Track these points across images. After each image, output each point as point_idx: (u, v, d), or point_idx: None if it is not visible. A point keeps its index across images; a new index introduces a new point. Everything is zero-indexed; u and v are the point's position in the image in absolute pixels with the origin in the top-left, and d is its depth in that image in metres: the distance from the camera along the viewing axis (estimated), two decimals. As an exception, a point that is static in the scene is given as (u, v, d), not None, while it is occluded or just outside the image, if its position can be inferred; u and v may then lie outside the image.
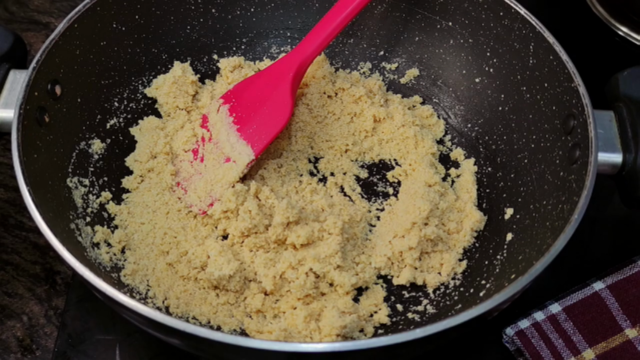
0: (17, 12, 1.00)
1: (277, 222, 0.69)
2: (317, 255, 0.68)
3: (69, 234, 0.67)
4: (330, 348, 0.53)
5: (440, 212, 0.73)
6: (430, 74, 0.85)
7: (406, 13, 0.84)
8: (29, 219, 0.78)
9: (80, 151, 0.74)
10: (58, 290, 0.74)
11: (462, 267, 0.72)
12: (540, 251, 0.62)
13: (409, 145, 0.80)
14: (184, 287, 0.68)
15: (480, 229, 0.74)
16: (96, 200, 0.73)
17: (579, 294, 0.68)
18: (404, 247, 0.70)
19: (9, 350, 0.71)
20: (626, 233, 0.79)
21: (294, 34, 0.88)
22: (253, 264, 0.69)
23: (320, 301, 0.68)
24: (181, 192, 0.75)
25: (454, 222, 0.73)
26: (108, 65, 0.78)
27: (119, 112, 0.80)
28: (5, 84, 0.69)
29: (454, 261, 0.71)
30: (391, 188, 0.79)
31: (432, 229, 0.70)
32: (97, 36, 0.76)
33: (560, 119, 0.70)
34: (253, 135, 0.75)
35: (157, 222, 0.73)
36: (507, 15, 0.76)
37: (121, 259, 0.71)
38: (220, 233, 0.72)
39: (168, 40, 0.83)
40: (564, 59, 0.70)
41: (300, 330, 0.65)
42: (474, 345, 0.71)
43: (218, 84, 0.84)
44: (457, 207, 0.75)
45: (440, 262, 0.72)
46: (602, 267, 0.71)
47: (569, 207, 0.63)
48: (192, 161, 0.77)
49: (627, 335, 0.66)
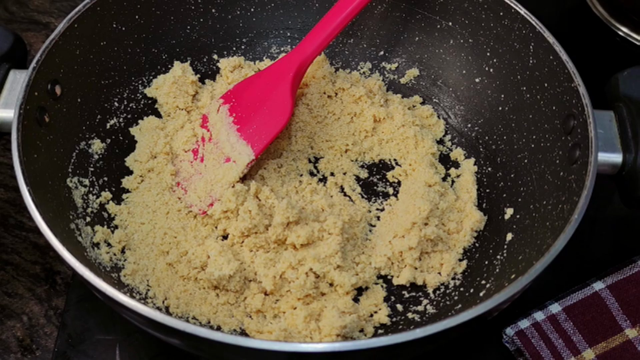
0: (17, 12, 1.00)
1: (277, 222, 0.69)
2: (317, 255, 0.68)
3: (69, 234, 0.67)
4: (330, 348, 0.53)
5: (440, 212, 0.73)
6: (430, 74, 0.85)
7: (406, 13, 0.84)
8: (29, 219, 0.78)
9: (80, 151, 0.74)
10: (58, 290, 0.74)
11: (462, 267, 0.72)
12: (540, 251, 0.62)
13: (409, 145, 0.80)
14: (184, 287, 0.68)
15: (480, 229, 0.74)
16: (96, 200, 0.73)
17: (579, 294, 0.68)
18: (404, 247, 0.70)
19: (9, 350, 0.71)
20: (626, 233, 0.79)
21: (294, 34, 0.88)
22: (253, 264, 0.69)
23: (320, 301, 0.68)
24: (181, 192, 0.75)
25: (454, 222, 0.73)
26: (108, 65, 0.78)
27: (119, 112, 0.80)
28: (5, 84, 0.69)
29: (454, 261, 0.71)
30: (391, 188, 0.79)
31: (432, 229, 0.70)
32: (97, 36, 0.76)
33: (560, 119, 0.70)
34: (253, 135, 0.75)
35: (157, 222, 0.73)
36: (507, 15, 0.76)
37: (121, 259, 0.71)
38: (220, 233, 0.72)
39: (168, 40, 0.83)
40: (564, 59, 0.70)
41: (300, 330, 0.65)
42: (474, 345, 0.71)
43: (218, 84, 0.84)
44: (457, 207, 0.75)
45: (440, 262, 0.72)
46: (602, 267, 0.71)
47: (569, 207, 0.63)
48: (192, 161, 0.77)
49: (627, 335, 0.66)
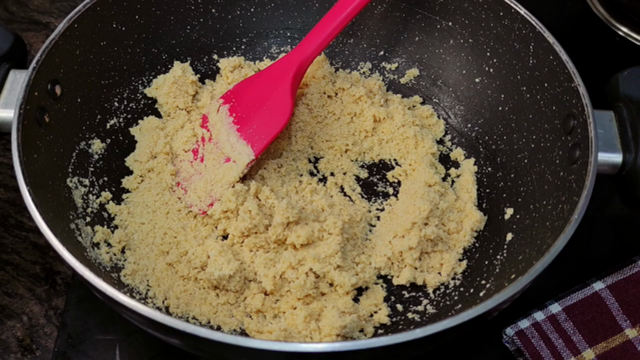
0: (17, 12, 1.00)
1: (277, 222, 0.69)
2: (317, 255, 0.68)
3: (69, 234, 0.66)
4: (330, 348, 0.53)
5: (440, 212, 0.73)
6: (430, 74, 0.85)
7: (406, 13, 0.84)
8: (29, 219, 0.78)
9: (80, 151, 0.74)
10: (58, 290, 0.74)
11: (462, 267, 0.72)
12: (540, 251, 0.62)
13: (409, 145, 0.80)
14: (184, 287, 0.68)
15: (480, 229, 0.74)
16: (96, 200, 0.73)
17: (579, 294, 0.68)
18: (404, 247, 0.70)
19: (9, 350, 0.71)
20: (626, 233, 0.79)
21: (294, 34, 0.88)
22: (253, 264, 0.69)
23: (320, 301, 0.68)
24: (181, 192, 0.75)
25: (454, 222, 0.73)
26: (108, 65, 0.78)
27: (119, 112, 0.79)
28: (5, 84, 0.69)
29: (454, 261, 0.71)
30: (391, 188, 0.79)
31: (432, 229, 0.70)
32: (97, 36, 0.76)
33: (560, 119, 0.70)
34: (253, 135, 0.75)
35: (157, 222, 0.73)
36: (507, 15, 0.76)
37: (121, 259, 0.71)
38: (220, 233, 0.72)
39: (168, 40, 0.83)
40: (564, 59, 0.70)
41: (300, 330, 0.65)
42: (474, 345, 0.71)
43: (218, 84, 0.84)
44: (457, 207, 0.75)
45: (440, 262, 0.72)
46: (602, 267, 0.71)
47: (569, 207, 0.63)
48: (192, 161, 0.77)
49: (627, 335, 0.66)
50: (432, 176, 0.76)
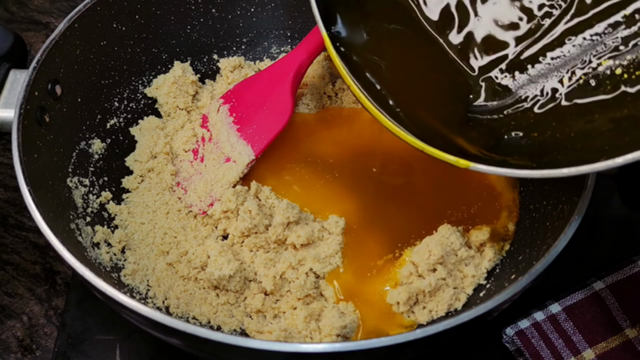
0: (17, 12, 1.00)
1: (277, 222, 0.69)
2: (317, 255, 0.68)
3: (69, 234, 0.66)
4: (330, 348, 0.53)
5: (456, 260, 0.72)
6: (431, 74, 0.85)
7: (406, 13, 0.84)
8: (29, 219, 0.78)
9: (81, 151, 0.74)
10: (58, 290, 0.74)
11: (462, 267, 0.71)
12: (540, 251, 0.62)
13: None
14: (184, 287, 0.68)
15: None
16: (96, 200, 0.73)
17: (579, 294, 0.68)
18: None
19: (9, 350, 0.71)
20: (626, 233, 0.79)
21: (294, 34, 0.88)
22: (253, 264, 0.69)
23: (321, 301, 0.68)
24: (181, 192, 0.75)
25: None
26: (108, 65, 0.78)
27: (119, 112, 0.79)
28: (5, 84, 0.69)
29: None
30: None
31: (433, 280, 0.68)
32: (97, 36, 0.76)
33: (560, 119, 0.70)
34: (253, 135, 0.75)
35: (157, 222, 0.73)
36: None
37: (121, 259, 0.71)
38: (220, 233, 0.72)
39: (168, 40, 0.83)
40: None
41: (300, 330, 0.65)
42: (474, 345, 0.71)
43: (218, 84, 0.84)
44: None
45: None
46: (602, 267, 0.70)
47: (569, 207, 0.63)
48: (192, 161, 0.77)
49: (627, 335, 0.66)
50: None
